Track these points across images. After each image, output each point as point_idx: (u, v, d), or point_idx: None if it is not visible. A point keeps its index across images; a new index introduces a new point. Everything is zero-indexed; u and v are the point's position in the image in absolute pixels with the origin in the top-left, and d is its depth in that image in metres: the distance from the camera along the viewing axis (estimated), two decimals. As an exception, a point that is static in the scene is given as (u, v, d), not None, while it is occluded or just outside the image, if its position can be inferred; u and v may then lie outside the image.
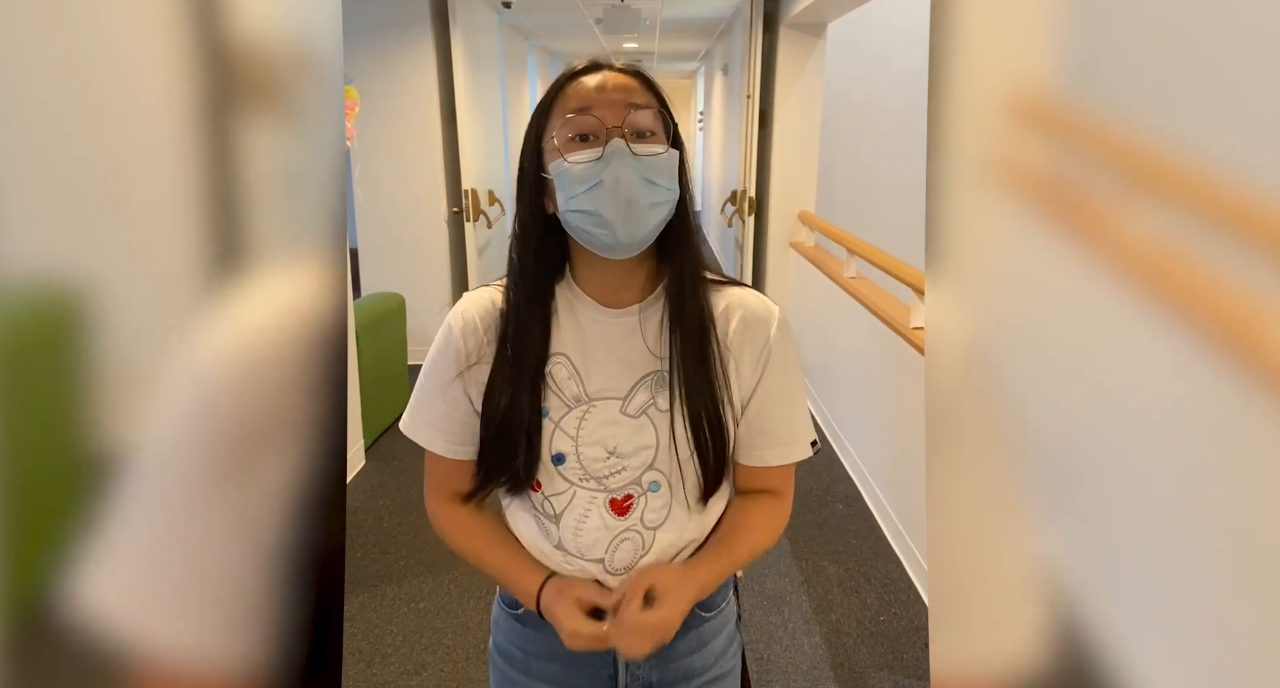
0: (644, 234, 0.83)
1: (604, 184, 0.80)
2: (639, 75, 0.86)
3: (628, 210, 0.80)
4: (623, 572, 0.91)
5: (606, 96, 0.82)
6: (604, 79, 0.84)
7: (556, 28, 6.47)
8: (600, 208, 0.81)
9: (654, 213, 0.83)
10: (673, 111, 0.87)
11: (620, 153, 0.80)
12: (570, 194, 0.82)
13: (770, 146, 4.28)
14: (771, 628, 2.21)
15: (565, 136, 0.82)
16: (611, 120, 0.81)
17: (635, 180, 0.80)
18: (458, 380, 0.89)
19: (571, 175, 0.81)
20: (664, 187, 0.83)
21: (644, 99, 0.84)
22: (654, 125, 0.83)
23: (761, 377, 0.91)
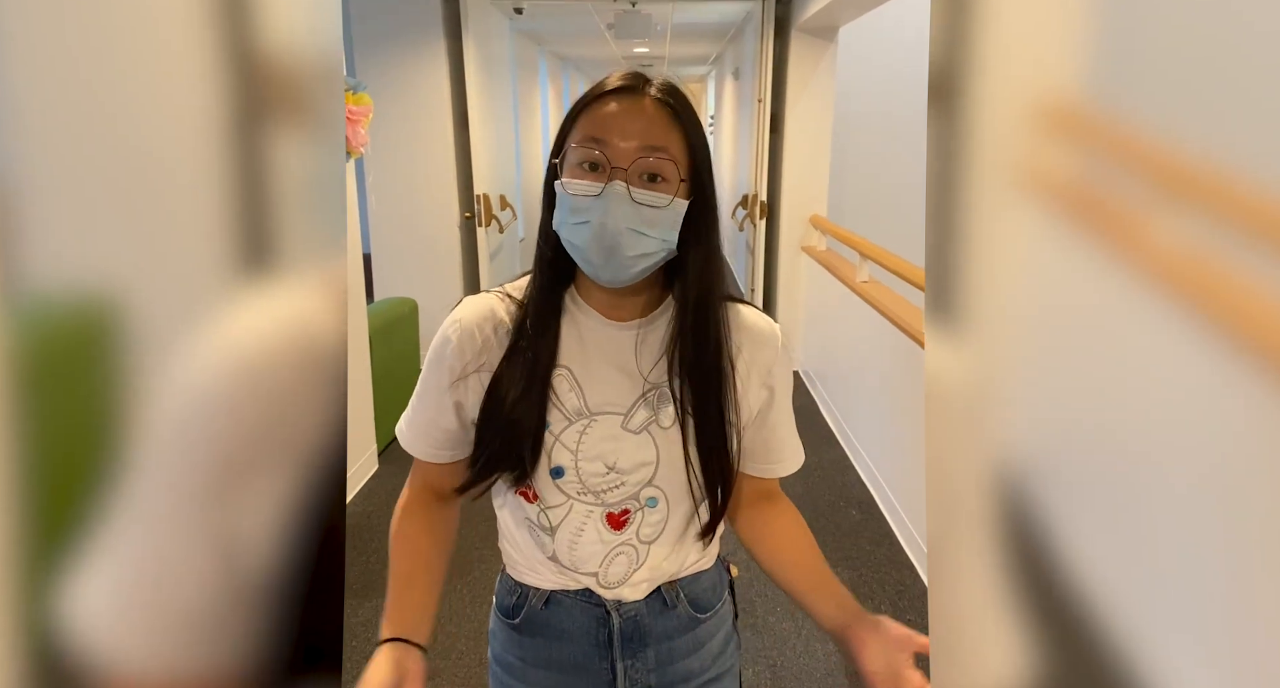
0: (625, 277, 0.81)
1: (591, 224, 0.78)
2: (674, 107, 0.80)
3: (610, 254, 0.79)
4: (615, 585, 0.91)
5: (625, 130, 0.78)
6: (631, 108, 0.79)
7: (568, 33, 6.49)
8: (584, 244, 0.80)
9: (638, 262, 0.80)
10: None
11: (618, 197, 0.77)
12: (563, 219, 0.81)
13: (782, 151, 4.27)
14: (785, 634, 2.20)
15: (574, 161, 0.80)
16: (620, 160, 0.78)
17: (623, 229, 0.78)
18: (451, 387, 0.88)
19: (567, 203, 0.80)
20: (654, 238, 0.79)
21: (666, 139, 0.79)
22: (667, 171, 0.79)
23: (773, 395, 0.92)
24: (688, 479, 0.88)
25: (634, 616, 0.93)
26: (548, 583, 0.93)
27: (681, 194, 0.81)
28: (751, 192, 4.40)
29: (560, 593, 0.93)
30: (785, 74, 4.15)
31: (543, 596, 0.93)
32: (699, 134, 0.82)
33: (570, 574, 0.91)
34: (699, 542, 0.94)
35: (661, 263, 0.83)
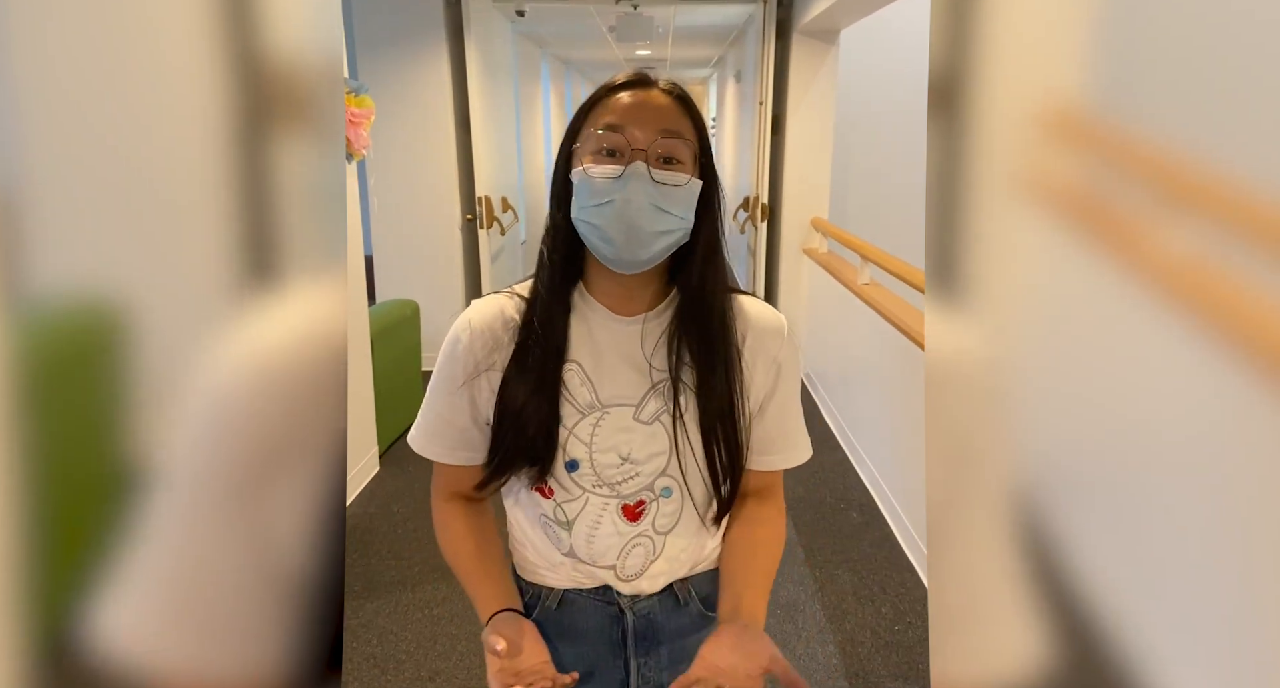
0: (646, 257, 0.83)
1: (615, 203, 0.81)
2: (681, 100, 0.86)
3: (632, 233, 0.81)
4: (634, 577, 0.92)
5: (641, 116, 0.82)
6: (644, 98, 0.84)
7: (570, 36, 6.50)
8: (606, 224, 0.82)
9: (659, 239, 0.83)
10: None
11: (639, 176, 0.81)
12: (582, 204, 0.83)
13: (783, 153, 4.27)
14: (785, 636, 2.20)
15: (592, 148, 0.83)
16: (639, 142, 0.82)
17: (646, 205, 0.81)
18: (464, 387, 0.89)
19: (589, 187, 0.82)
20: (676, 215, 0.83)
21: (679, 125, 0.84)
22: (682, 154, 0.83)
23: (776, 386, 0.93)
24: (700, 467, 0.89)
25: (647, 614, 0.94)
26: (563, 582, 0.94)
27: (696, 176, 0.85)
28: (753, 194, 4.40)
29: (574, 592, 0.94)
30: (787, 77, 4.15)
31: (556, 596, 0.95)
32: (703, 127, 0.87)
33: (588, 569, 0.92)
34: (716, 534, 0.95)
35: (677, 245, 0.85)
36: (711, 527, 0.94)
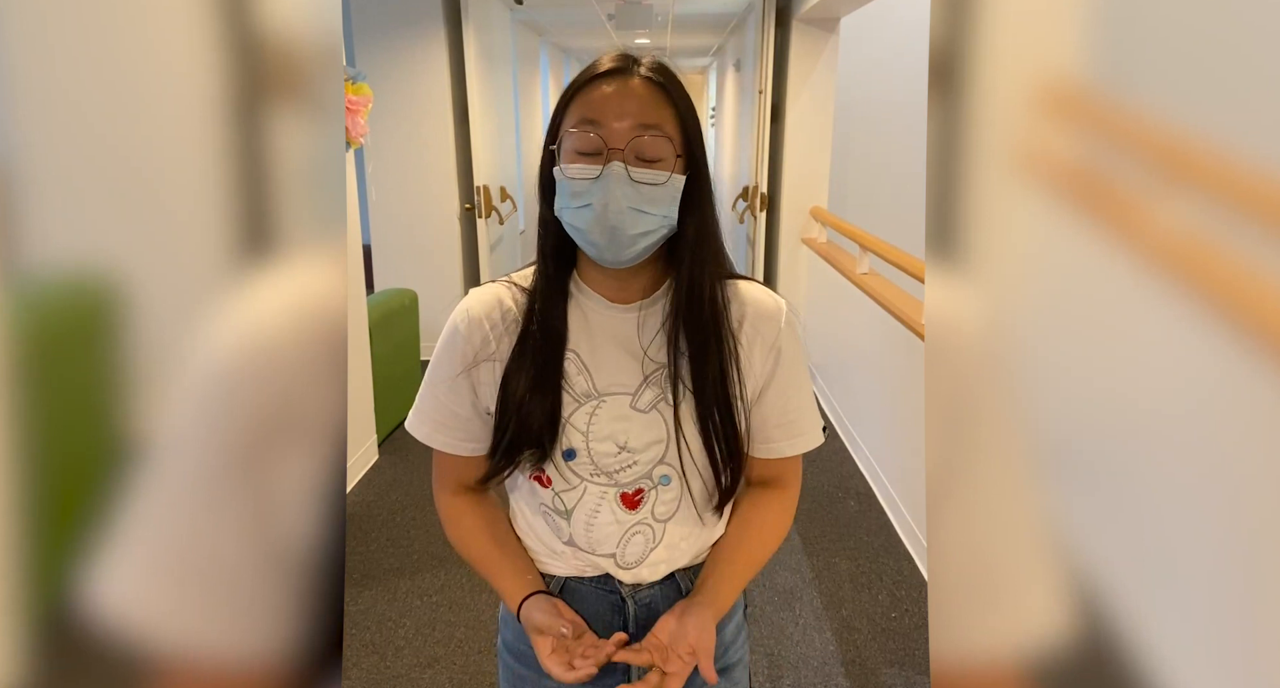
0: (630, 256, 0.82)
1: (593, 207, 0.79)
2: (663, 86, 0.81)
3: (613, 235, 0.80)
4: (634, 565, 0.92)
5: (619, 111, 0.79)
6: (623, 89, 0.80)
7: (569, 24, 6.47)
8: (588, 228, 0.81)
9: (641, 240, 0.82)
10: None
11: (617, 177, 0.79)
12: (563, 204, 0.82)
13: (782, 142, 4.26)
14: (782, 624, 2.21)
15: (569, 146, 0.81)
16: (616, 141, 0.79)
17: (625, 208, 0.79)
18: (463, 377, 0.89)
19: (568, 187, 0.81)
20: (657, 215, 0.81)
21: (658, 117, 0.80)
22: (662, 149, 0.80)
23: (775, 371, 0.91)
24: (699, 455, 0.88)
25: (649, 603, 0.94)
26: (564, 570, 0.94)
27: (678, 170, 0.82)
28: (752, 183, 4.39)
29: (575, 581, 0.94)
30: (786, 65, 4.14)
31: (558, 583, 0.94)
32: (690, 110, 0.83)
33: (588, 557, 0.92)
34: (719, 523, 0.95)
35: (663, 240, 0.84)
36: (714, 516, 0.93)
